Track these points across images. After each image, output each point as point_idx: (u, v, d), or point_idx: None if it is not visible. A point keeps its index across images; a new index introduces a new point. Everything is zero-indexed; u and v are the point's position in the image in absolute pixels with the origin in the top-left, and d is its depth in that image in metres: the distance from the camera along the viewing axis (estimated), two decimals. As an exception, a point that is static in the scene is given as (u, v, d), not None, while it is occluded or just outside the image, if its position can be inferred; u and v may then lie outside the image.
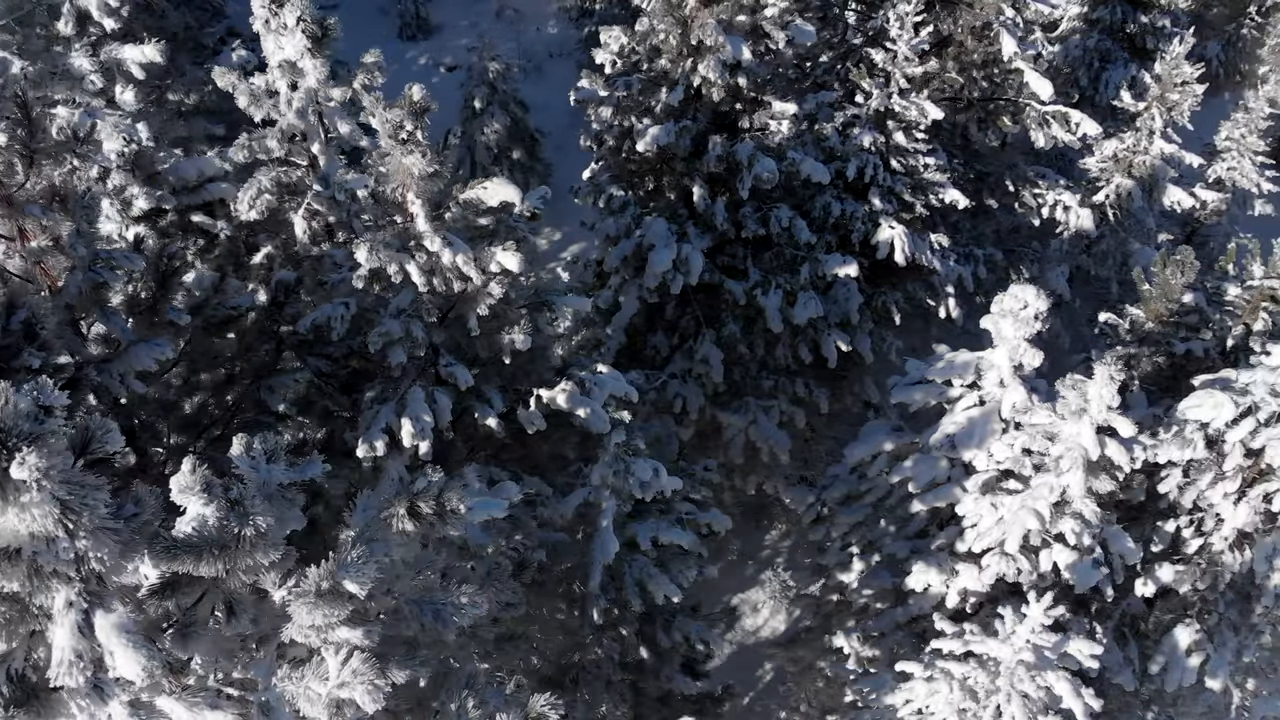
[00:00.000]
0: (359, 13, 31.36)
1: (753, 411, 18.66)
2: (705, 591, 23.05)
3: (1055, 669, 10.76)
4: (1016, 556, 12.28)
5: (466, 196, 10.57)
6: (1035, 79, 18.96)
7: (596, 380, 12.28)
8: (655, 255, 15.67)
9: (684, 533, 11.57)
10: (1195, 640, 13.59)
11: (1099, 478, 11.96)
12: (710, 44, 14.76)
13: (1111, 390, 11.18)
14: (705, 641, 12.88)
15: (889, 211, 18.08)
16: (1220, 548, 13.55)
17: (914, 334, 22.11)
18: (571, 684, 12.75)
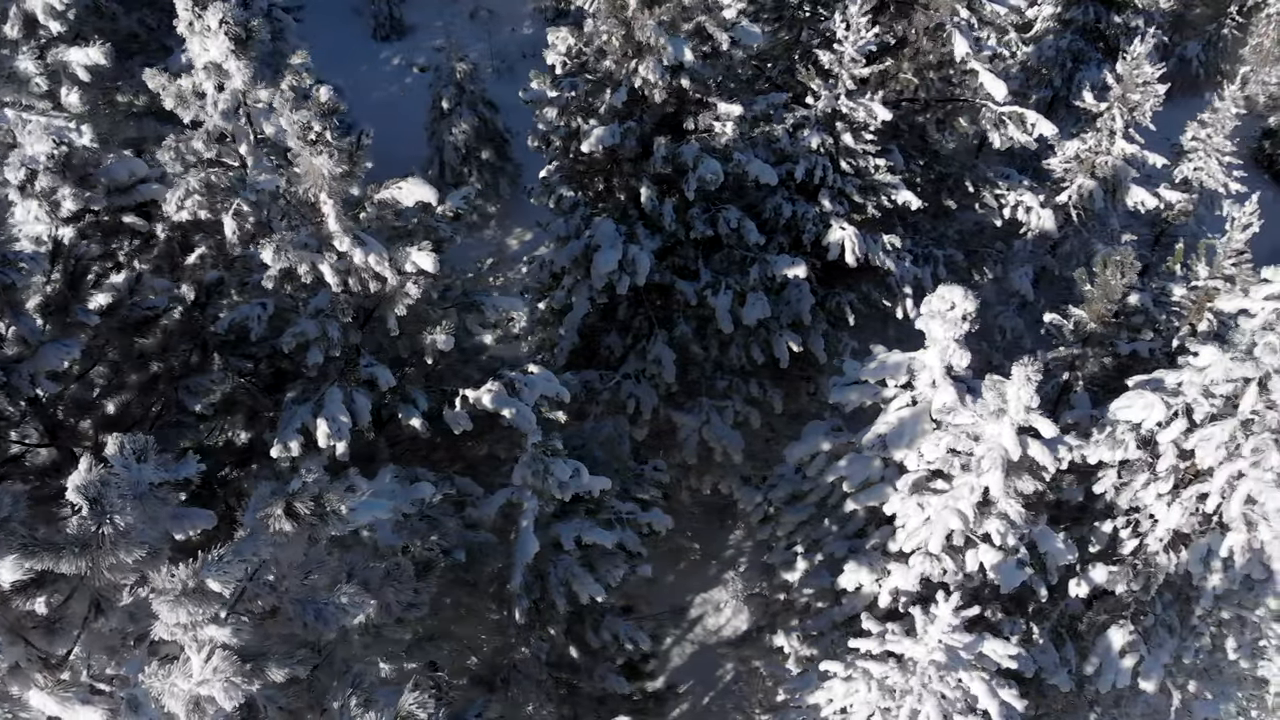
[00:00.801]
0: (333, 13, 31.47)
1: (706, 412, 18.68)
2: (667, 591, 23.14)
3: (970, 669, 10.75)
4: (941, 556, 12.29)
5: (382, 196, 10.61)
6: (990, 80, 18.94)
7: (527, 381, 12.32)
8: (600, 256, 15.70)
9: (607, 533, 11.60)
10: (1129, 641, 13.59)
11: (1021, 478, 11.97)
12: (651, 45, 14.79)
13: (1029, 391, 11.18)
14: (634, 641, 12.90)
15: (840, 213, 18.09)
16: (1155, 549, 13.56)
17: (872, 334, 22.07)
18: (502, 684, 12.78)
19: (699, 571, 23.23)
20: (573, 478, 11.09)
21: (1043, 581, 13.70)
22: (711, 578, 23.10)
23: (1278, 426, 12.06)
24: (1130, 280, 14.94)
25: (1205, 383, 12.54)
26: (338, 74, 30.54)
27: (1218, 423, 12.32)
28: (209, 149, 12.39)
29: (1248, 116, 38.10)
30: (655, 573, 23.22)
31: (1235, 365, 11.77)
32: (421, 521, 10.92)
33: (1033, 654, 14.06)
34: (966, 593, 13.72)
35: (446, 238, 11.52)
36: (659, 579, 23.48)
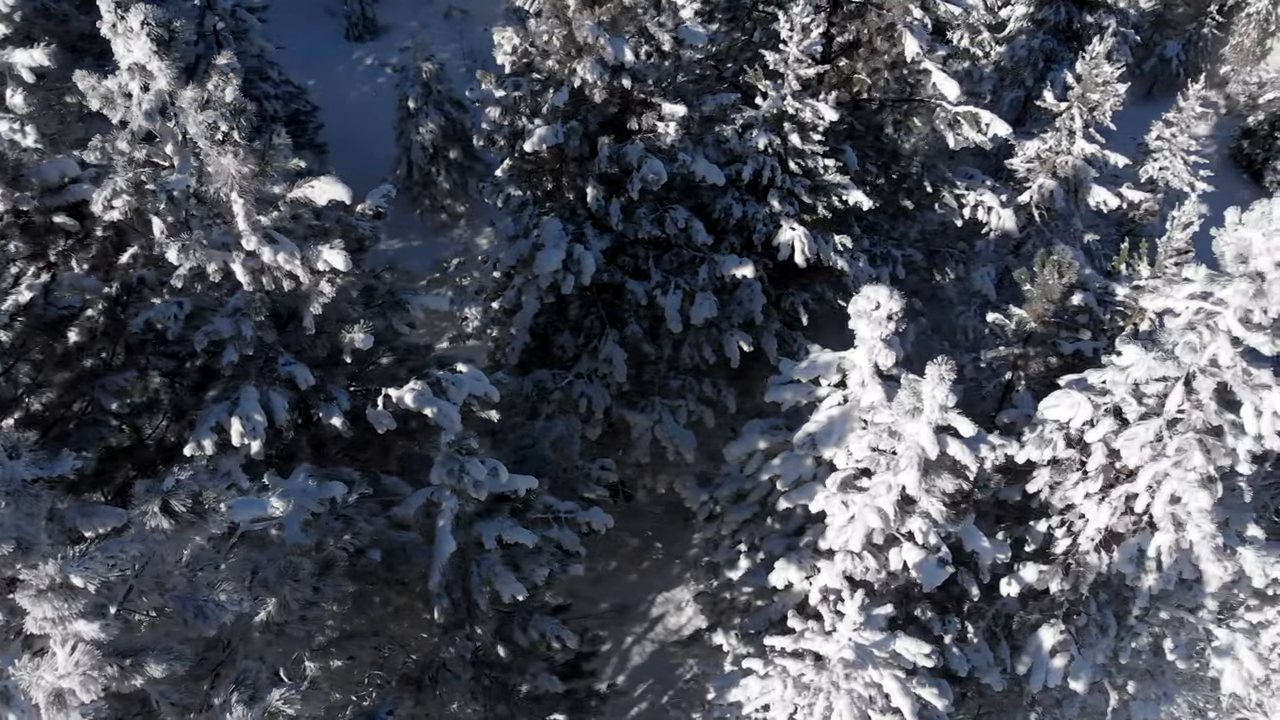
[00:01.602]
0: (307, 14, 31.57)
1: (658, 411, 18.72)
2: (630, 590, 23.20)
3: (884, 667, 10.76)
4: (864, 554, 12.30)
5: (295, 195, 10.66)
6: (943, 79, 18.95)
7: (454, 380, 12.37)
8: (543, 255, 15.75)
9: (529, 532, 11.62)
10: (1060, 641, 13.59)
11: (941, 476, 11.97)
12: (591, 45, 14.83)
13: (944, 390, 11.18)
14: (562, 640, 12.92)
15: (790, 213, 18.11)
16: (1086, 549, 13.56)
17: (831, 334, 22.06)
18: (430, 682, 12.82)
19: (661, 571, 23.27)
20: (490, 476, 11.12)
21: (974, 580, 13.72)
22: (674, 577, 23.13)
23: (1203, 426, 12.06)
24: (1069, 280, 14.94)
25: (1133, 382, 12.54)
26: (311, 74, 30.68)
27: (1143, 422, 12.33)
28: (136, 149, 12.41)
29: (1227, 116, 38.18)
30: (618, 572, 23.44)
31: (1157, 365, 11.78)
32: (337, 520, 10.97)
33: (966, 653, 14.09)
34: (896, 591, 13.77)
35: (367, 236, 11.55)
36: (621, 578, 23.55)
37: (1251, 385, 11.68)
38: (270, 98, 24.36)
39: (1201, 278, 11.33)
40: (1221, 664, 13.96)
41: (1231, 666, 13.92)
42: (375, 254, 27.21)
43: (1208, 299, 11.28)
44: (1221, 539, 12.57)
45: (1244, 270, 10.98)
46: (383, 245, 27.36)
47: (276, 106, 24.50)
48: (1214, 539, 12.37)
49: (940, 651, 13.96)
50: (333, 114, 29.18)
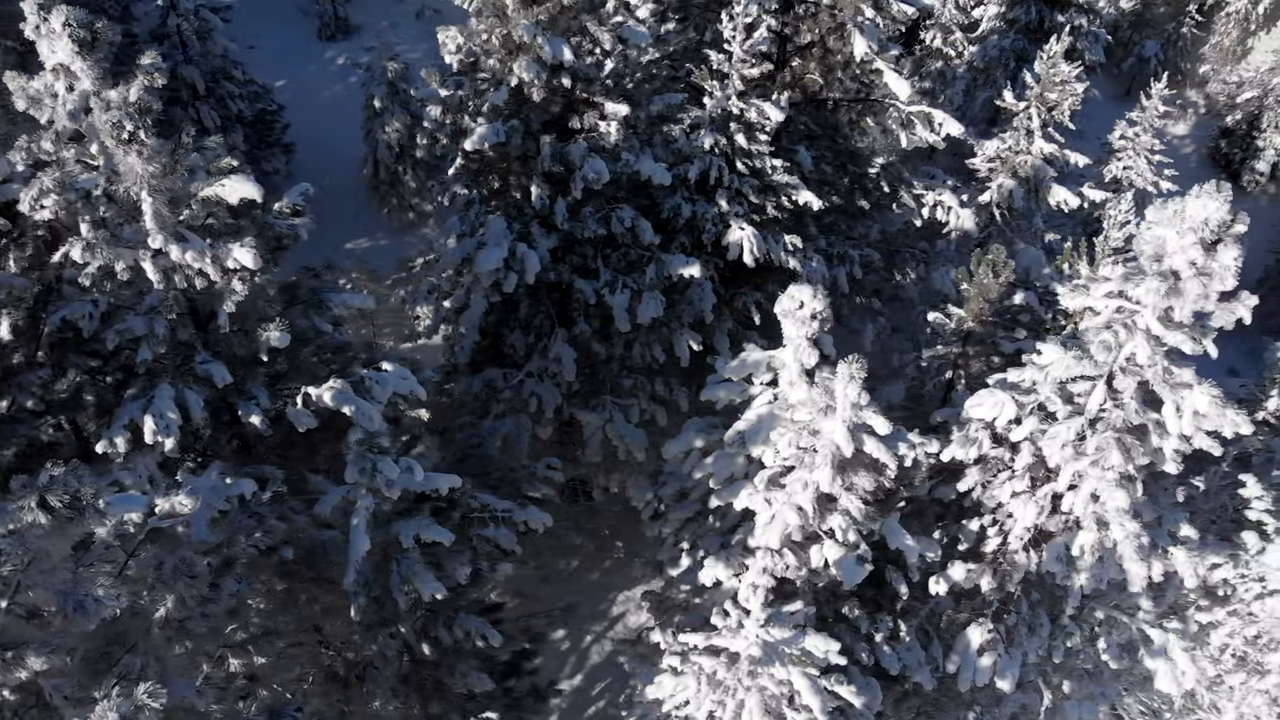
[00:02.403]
0: (280, 13, 31.64)
1: (609, 410, 18.73)
2: (591, 589, 23.22)
3: (790, 664, 10.77)
4: (784, 552, 12.31)
5: (206, 194, 10.70)
6: (894, 79, 18.90)
7: (378, 378, 12.39)
8: (483, 254, 15.78)
9: (446, 531, 11.62)
10: (988, 640, 13.58)
11: (858, 474, 11.98)
12: (528, 44, 14.86)
13: (855, 388, 11.19)
14: (486, 638, 12.92)
15: (739, 213, 18.12)
16: (1015, 547, 13.55)
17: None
18: (357, 680, 12.86)
19: (623, 570, 23.28)
20: (404, 475, 11.14)
21: (903, 578, 13.73)
22: (635, 576, 23.13)
23: (1123, 425, 12.06)
24: (1006, 280, 14.94)
25: (1058, 381, 12.54)
26: (284, 73, 30.77)
27: (1064, 421, 12.33)
28: (63, 149, 12.46)
29: (1207, 116, 38.13)
30: (579, 571, 23.45)
31: (1074, 363, 11.77)
32: (250, 518, 11.01)
33: (898, 651, 14.10)
34: (824, 589, 13.80)
35: (286, 234, 11.58)
36: (583, 577, 23.57)
37: (1172, 384, 11.68)
38: (235, 97, 24.44)
39: (1117, 277, 11.32)
40: (1155, 664, 13.93)
41: (1165, 667, 13.91)
42: (342, 252, 27.37)
43: (1123, 298, 11.27)
44: (1148, 538, 12.57)
45: (1158, 269, 10.97)
46: (350, 244, 27.56)
47: (241, 106, 24.57)
48: (1138, 538, 12.36)
49: (871, 650, 14.00)
50: (304, 113, 29.26)
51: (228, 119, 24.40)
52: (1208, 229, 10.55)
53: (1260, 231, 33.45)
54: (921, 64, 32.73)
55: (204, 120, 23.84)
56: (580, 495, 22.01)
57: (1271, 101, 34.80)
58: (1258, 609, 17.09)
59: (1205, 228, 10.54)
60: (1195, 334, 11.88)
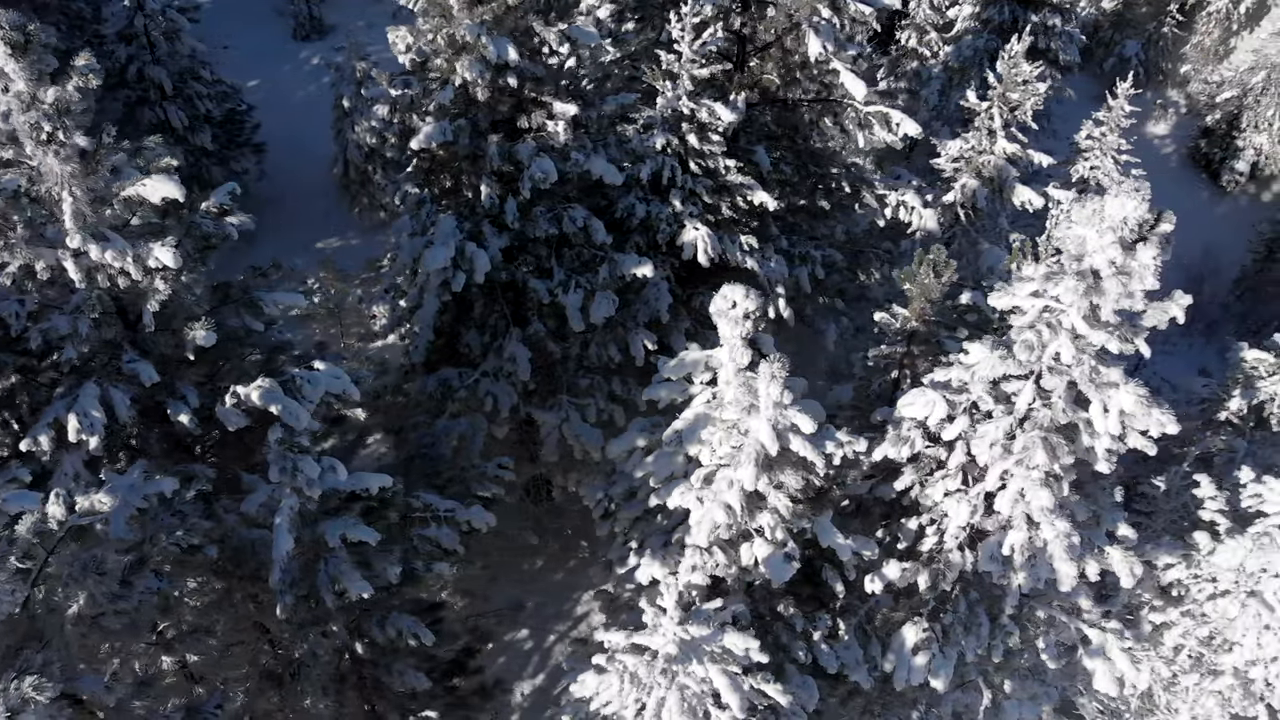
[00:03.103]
0: (256, 13, 31.73)
1: (566, 409, 18.76)
2: (556, 588, 23.24)
3: (709, 661, 10.78)
4: (713, 550, 12.33)
5: (128, 194, 10.73)
6: (850, 79, 18.90)
7: (309, 378, 12.42)
8: (430, 252, 15.82)
9: (372, 530, 11.65)
10: (922, 639, 13.59)
11: (785, 472, 12.00)
12: (470, 44, 14.90)
13: (777, 387, 11.22)
14: (418, 636, 12.95)
15: (693, 213, 18.14)
16: (950, 546, 13.56)
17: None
18: (291, 678, 12.90)
19: (587, 569, 23.29)
20: (325, 475, 11.16)
21: (839, 576, 13.75)
22: (596, 576, 23.16)
23: (1049, 425, 12.07)
24: (948, 279, 14.92)
25: (990, 380, 12.56)
26: (259, 74, 30.85)
27: (993, 420, 12.34)
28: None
29: (1188, 116, 38.09)
30: (544, 570, 23.47)
31: (998, 363, 11.78)
32: (174, 517, 11.05)
33: (836, 650, 14.12)
34: (759, 588, 13.81)
35: (214, 234, 11.62)
36: (547, 576, 23.59)
37: (1099, 384, 11.69)
38: (202, 97, 24.50)
39: (1039, 276, 11.34)
40: (1093, 664, 13.93)
41: (1103, 666, 13.91)
42: (313, 251, 27.37)
43: (1045, 297, 11.28)
44: (1079, 538, 12.58)
45: (1077, 268, 10.99)
46: (320, 244, 27.61)
47: (209, 106, 24.63)
48: (1068, 538, 12.37)
49: (809, 648, 14.02)
50: (278, 113, 29.33)
51: (195, 119, 24.46)
52: (1127, 228, 10.56)
53: (1239, 232, 33.55)
54: (897, 64, 32.77)
55: (171, 120, 23.92)
56: (543, 495, 22.04)
57: (1250, 101, 34.77)
58: (1210, 609, 17.09)
59: (1124, 226, 10.55)
60: (1127, 334, 11.92)
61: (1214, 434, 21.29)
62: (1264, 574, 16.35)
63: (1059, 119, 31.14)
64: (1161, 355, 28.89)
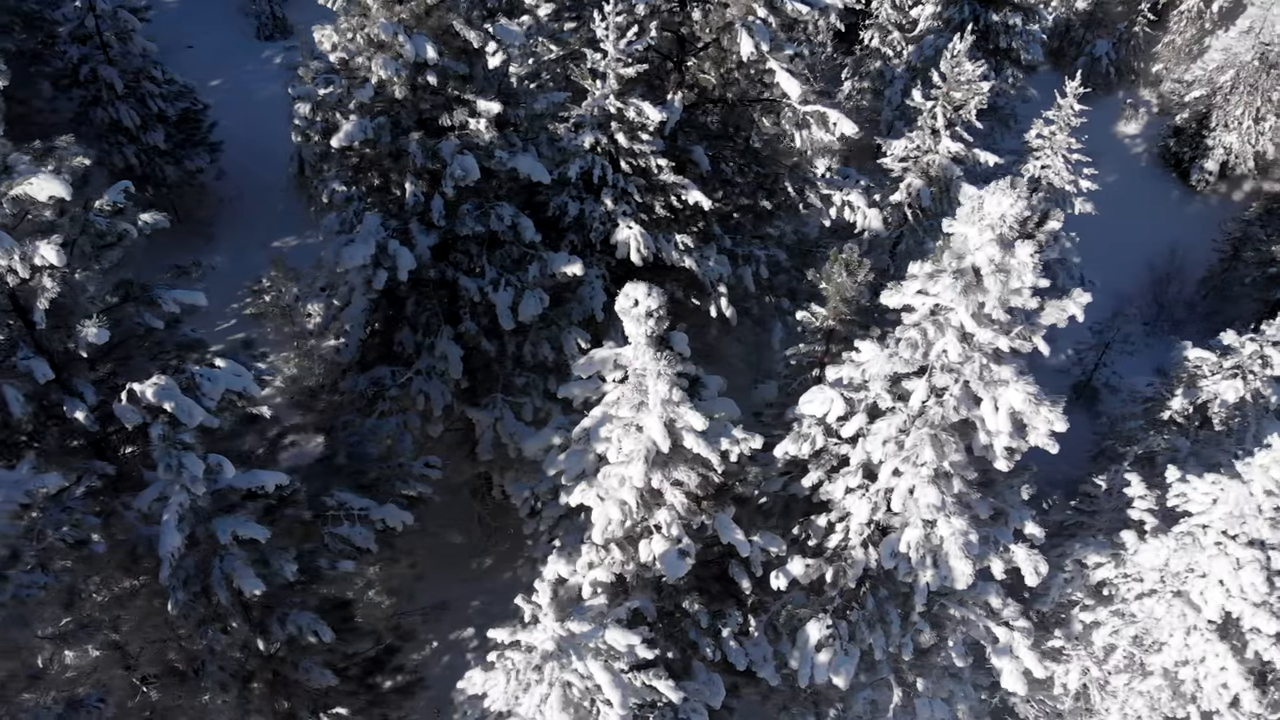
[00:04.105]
0: (220, 12, 31.83)
1: (500, 408, 18.80)
2: (502, 587, 23.25)
3: (590, 658, 10.80)
4: (609, 547, 12.36)
5: (15, 193, 10.80)
6: (786, 79, 18.90)
7: (209, 375, 12.47)
8: (348, 250, 15.87)
9: (262, 528, 11.68)
10: (825, 636, 13.60)
11: (679, 469, 12.02)
12: (387, 42, 14.95)
13: (664, 384, 11.25)
14: (317, 634, 12.99)
15: (626, 212, 18.17)
16: (854, 542, 13.58)
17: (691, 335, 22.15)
18: (194, 674, 12.95)
19: (532, 567, 23.31)
20: (210, 473, 11.20)
21: (745, 573, 13.76)
22: (531, 574, 23.17)
23: (940, 422, 12.07)
24: (862, 279, 14.96)
25: (888, 378, 12.58)
26: (221, 73, 30.96)
27: (885, 418, 12.36)
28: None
29: (1160, 115, 37.99)
30: (493, 570, 23.49)
31: (886, 361, 11.80)
32: (63, 512, 11.12)
33: (745, 647, 14.13)
34: (667, 586, 13.83)
35: (107, 231, 11.68)
36: (495, 575, 23.61)
37: (989, 381, 11.70)
38: (155, 97, 24.58)
39: (923, 275, 11.35)
40: (1000, 662, 13.93)
41: (1010, 665, 13.90)
42: (267, 249, 27.38)
43: (930, 295, 11.30)
44: (975, 535, 12.59)
45: (957, 266, 11.00)
46: (277, 243, 27.68)
47: (162, 105, 24.71)
48: (964, 535, 12.39)
49: (717, 645, 14.03)
50: (240, 113, 29.43)
51: (148, 118, 24.54)
52: (1005, 225, 10.56)
53: (1208, 232, 33.47)
54: (861, 64, 32.76)
55: (123, 119, 24.01)
56: (486, 493, 22.08)
57: (1220, 100, 34.68)
58: (1137, 609, 17.09)
59: (1003, 224, 10.55)
60: (1025, 332, 11.94)
61: (1157, 433, 21.29)
62: (1190, 574, 16.34)
63: (1025, 119, 31.05)
64: (1122, 355, 28.94)
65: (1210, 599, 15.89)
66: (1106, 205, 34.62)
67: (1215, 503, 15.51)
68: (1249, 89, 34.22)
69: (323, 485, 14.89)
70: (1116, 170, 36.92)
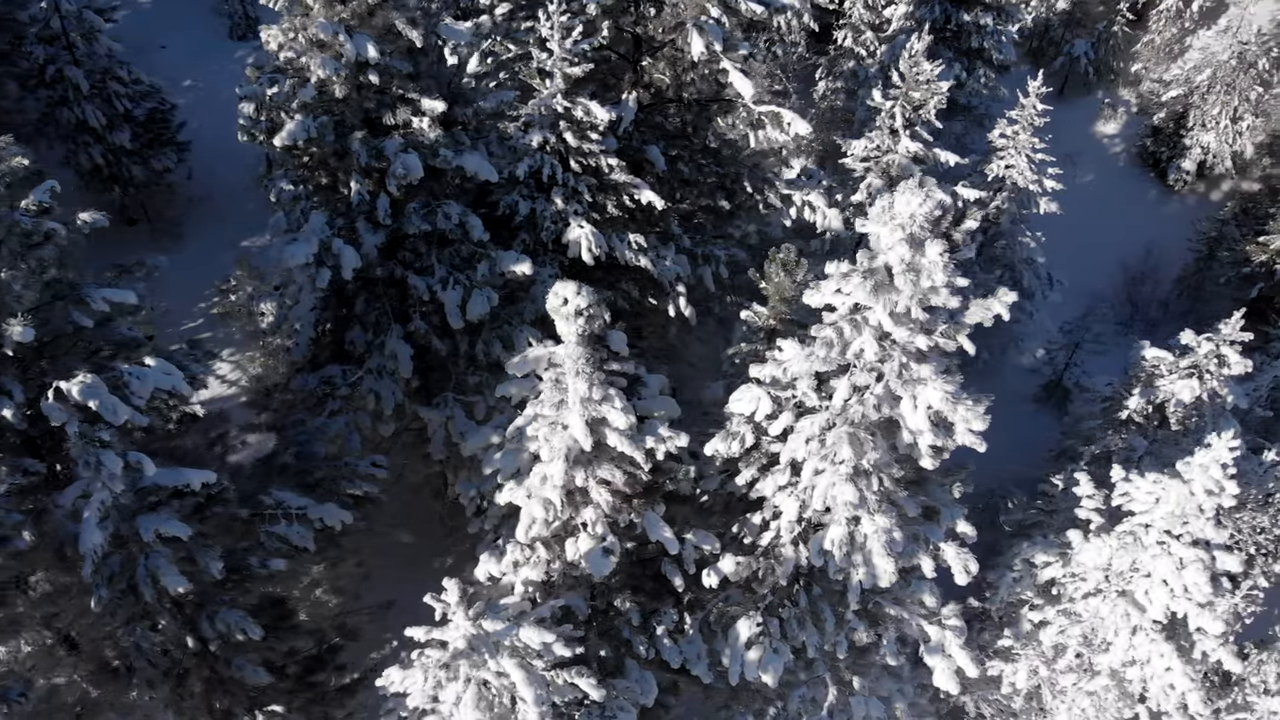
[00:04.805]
0: (192, 13, 31.92)
1: (451, 407, 18.83)
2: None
3: (505, 656, 10.83)
4: (535, 545, 12.40)
5: (-67, 192, 10.86)
6: (739, 79, 18.90)
7: (138, 374, 12.53)
8: (289, 248, 15.93)
9: (184, 526, 11.74)
10: (755, 634, 13.61)
11: (602, 467, 12.05)
12: (327, 42, 15.00)
13: (583, 383, 11.28)
14: (245, 631, 13.04)
15: (578, 211, 18.20)
16: (785, 540, 13.60)
17: (651, 334, 22.24)
18: (127, 671, 13.01)
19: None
20: (130, 470, 11.25)
21: (678, 571, 13.78)
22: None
23: (860, 420, 12.09)
24: (800, 279, 14.97)
25: (814, 375, 12.60)
26: (193, 73, 31.07)
27: (808, 416, 12.38)
28: None
29: (1139, 115, 37.94)
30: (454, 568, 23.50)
31: (804, 360, 11.81)
32: (-18, 509, 11.20)
33: (680, 645, 14.15)
34: (599, 584, 13.85)
35: (34, 231, 11.74)
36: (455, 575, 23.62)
37: (906, 380, 11.72)
38: (120, 96, 24.66)
39: (838, 274, 11.36)
40: (933, 661, 13.94)
41: (942, 663, 13.90)
42: (237, 249, 27.40)
43: (844, 294, 11.31)
44: (899, 533, 12.60)
45: (869, 265, 11.02)
46: (245, 242, 27.73)
47: (128, 105, 24.79)
48: (887, 533, 12.40)
49: (650, 643, 14.06)
50: (211, 112, 29.49)
51: (114, 118, 24.62)
52: (915, 224, 10.57)
53: (1185, 231, 33.39)
54: (835, 64, 32.76)
55: (89, 119, 24.09)
56: (445, 493, 22.11)
57: (1197, 99, 34.64)
58: (1083, 609, 17.08)
59: (913, 223, 10.56)
60: (950, 331, 11.96)
61: (1115, 432, 21.29)
62: (1135, 574, 16.33)
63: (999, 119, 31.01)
64: (1092, 355, 28.93)
65: (1155, 599, 15.88)
66: (1084, 205, 34.71)
67: (1158, 502, 15.50)
68: (1226, 89, 34.18)
69: (261, 484, 14.94)
70: (1094, 170, 36.91)
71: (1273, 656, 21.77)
